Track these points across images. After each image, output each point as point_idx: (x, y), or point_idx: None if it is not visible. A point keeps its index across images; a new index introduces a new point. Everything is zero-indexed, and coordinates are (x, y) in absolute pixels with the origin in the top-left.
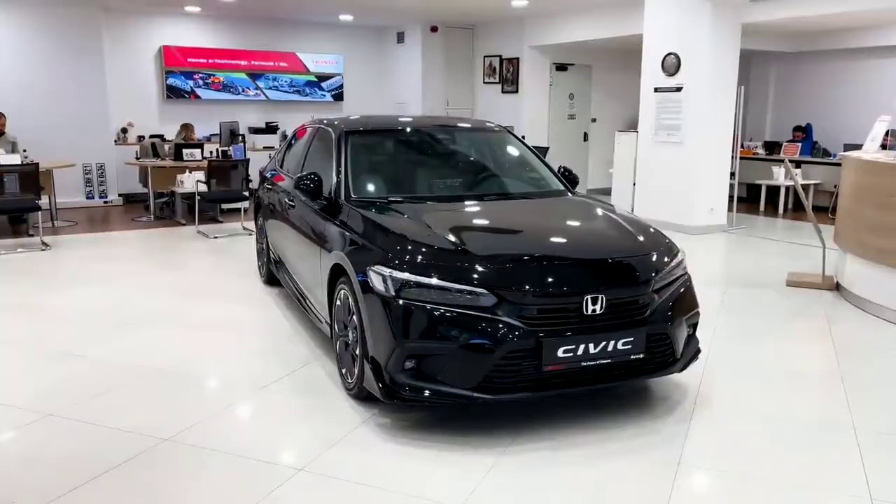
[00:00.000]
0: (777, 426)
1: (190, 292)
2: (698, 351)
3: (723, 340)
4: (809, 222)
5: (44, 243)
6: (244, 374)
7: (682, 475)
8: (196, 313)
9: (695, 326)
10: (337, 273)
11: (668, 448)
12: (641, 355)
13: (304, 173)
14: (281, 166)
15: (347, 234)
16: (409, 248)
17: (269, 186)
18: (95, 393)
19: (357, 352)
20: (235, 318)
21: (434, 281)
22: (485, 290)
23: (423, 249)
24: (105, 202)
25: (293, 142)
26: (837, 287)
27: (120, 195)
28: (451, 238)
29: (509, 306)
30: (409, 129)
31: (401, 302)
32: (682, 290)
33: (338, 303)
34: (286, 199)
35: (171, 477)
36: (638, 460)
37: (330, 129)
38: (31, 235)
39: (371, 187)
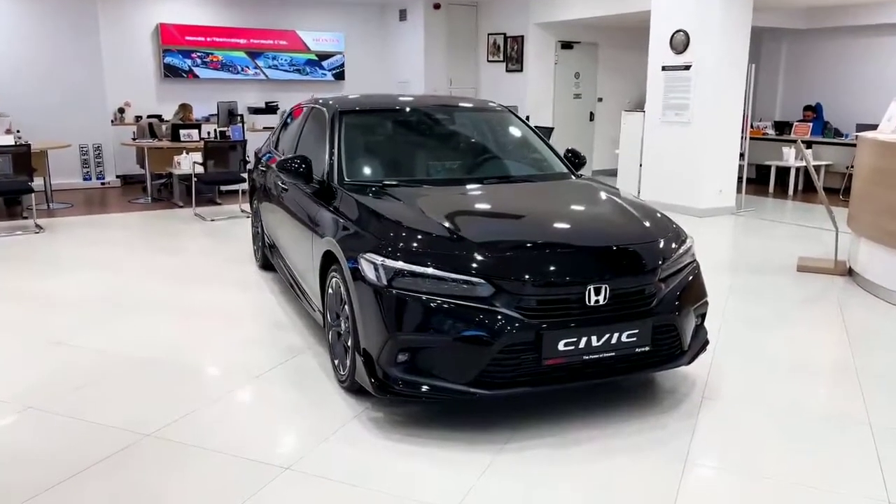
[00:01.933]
0: (788, 421)
1: (184, 277)
2: (706, 342)
3: (732, 329)
4: (820, 204)
5: (37, 226)
6: (234, 364)
7: (688, 474)
8: (189, 300)
9: (703, 316)
10: (329, 260)
11: (674, 444)
12: (647, 348)
13: (288, 156)
14: (276, 147)
15: (339, 219)
16: (403, 235)
17: (264, 168)
18: (81, 384)
19: (349, 343)
20: (229, 305)
21: (428, 270)
22: (482, 280)
23: (417, 236)
24: (102, 184)
25: (289, 121)
26: (850, 272)
27: (118, 176)
28: (447, 224)
29: (507, 297)
30: (406, 109)
31: (393, 292)
32: (690, 278)
33: (330, 291)
34: (280, 182)
35: (150, 476)
36: (643, 458)
37: (324, 109)
38: (26, 218)
39: (365, 170)
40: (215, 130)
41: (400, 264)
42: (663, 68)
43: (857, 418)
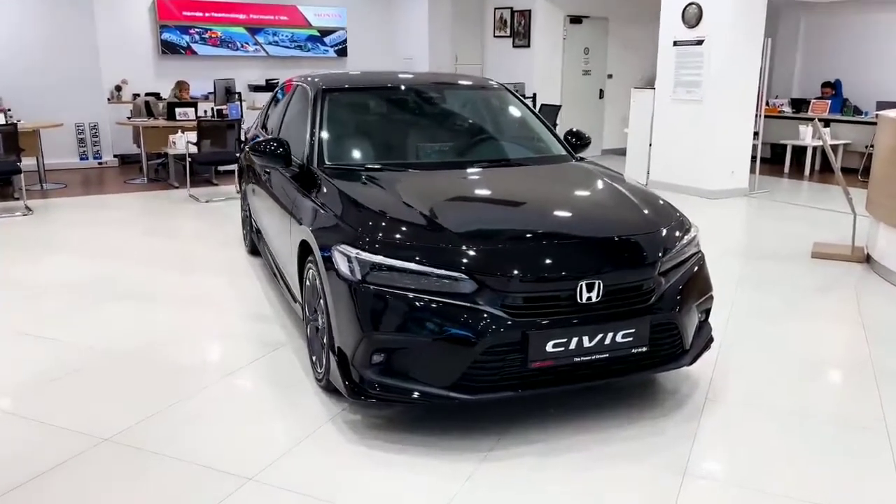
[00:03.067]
0: (799, 426)
1: (169, 263)
2: (710, 340)
3: (740, 321)
4: (838, 186)
5: (27, 208)
6: (210, 358)
7: (688, 486)
8: (171, 287)
9: (707, 312)
10: (306, 250)
11: (673, 452)
12: (644, 348)
13: (261, 138)
14: (263, 127)
15: (316, 206)
16: (379, 225)
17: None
18: (45, 381)
19: (326, 340)
20: (212, 293)
21: (405, 264)
22: (463, 275)
23: (395, 227)
24: (99, 163)
25: (279, 96)
26: (868, 259)
27: (115, 156)
28: (428, 213)
29: (491, 294)
30: (394, 87)
31: (367, 287)
32: (693, 271)
33: (307, 283)
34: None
35: (100, 487)
36: (638, 467)
37: (307, 87)
38: (17, 199)
39: (347, 153)
40: (212, 109)
41: (375, 257)
42: (675, 43)
43: (874, 425)
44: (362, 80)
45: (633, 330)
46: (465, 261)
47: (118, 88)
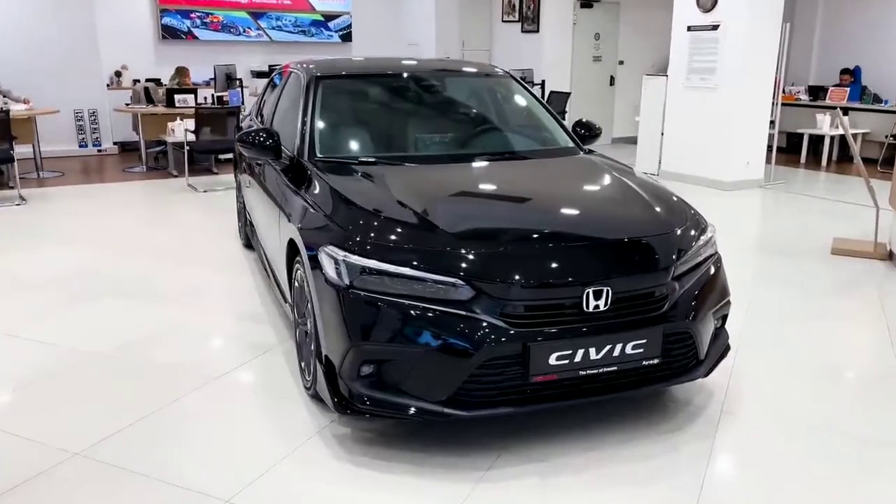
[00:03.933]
0: (823, 443)
1: (161, 256)
2: (727, 348)
3: (757, 323)
4: (857, 176)
5: (21, 197)
6: (194, 362)
7: None
8: (161, 282)
9: (724, 318)
10: (295, 249)
11: (686, 472)
12: (656, 360)
13: (248, 128)
14: (257, 115)
15: (304, 202)
16: (370, 224)
17: None
18: (16, 387)
19: (313, 347)
20: (203, 289)
21: (397, 268)
22: (460, 281)
23: (387, 227)
24: (99, 151)
25: (276, 82)
26: (891, 256)
27: (115, 143)
28: (422, 213)
29: (489, 301)
30: (392, 75)
31: (356, 293)
32: (710, 274)
33: (296, 284)
34: None
35: None
36: (648, 489)
37: (301, 74)
38: (12, 188)
39: (340, 145)
40: (212, 95)
41: (364, 261)
42: (689, 28)
43: None
44: (359, 67)
45: (644, 340)
46: (462, 265)
47: (118, 74)
